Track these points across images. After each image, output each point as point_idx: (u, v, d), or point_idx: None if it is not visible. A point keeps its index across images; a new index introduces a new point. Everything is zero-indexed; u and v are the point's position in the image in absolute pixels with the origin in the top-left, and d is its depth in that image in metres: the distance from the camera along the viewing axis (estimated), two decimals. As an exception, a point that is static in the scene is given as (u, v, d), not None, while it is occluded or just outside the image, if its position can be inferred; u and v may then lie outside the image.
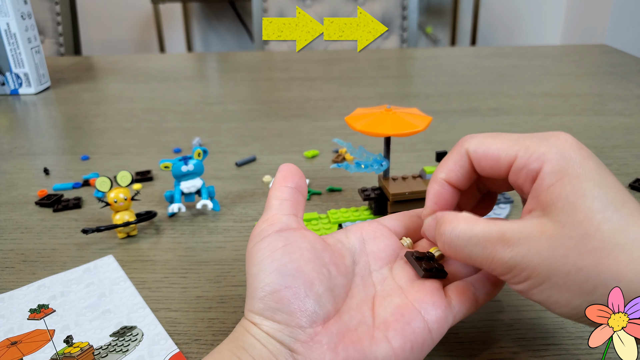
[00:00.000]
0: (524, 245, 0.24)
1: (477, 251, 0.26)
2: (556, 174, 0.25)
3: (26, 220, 0.49)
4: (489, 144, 0.28)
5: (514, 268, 0.25)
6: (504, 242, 0.25)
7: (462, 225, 0.27)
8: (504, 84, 0.91)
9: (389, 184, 0.45)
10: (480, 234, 0.26)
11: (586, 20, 2.31)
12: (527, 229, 0.25)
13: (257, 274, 0.27)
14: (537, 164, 0.26)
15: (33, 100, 0.91)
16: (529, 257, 0.24)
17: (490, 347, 0.32)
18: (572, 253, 0.23)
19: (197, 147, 0.47)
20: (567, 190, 0.24)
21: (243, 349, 0.26)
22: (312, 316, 0.26)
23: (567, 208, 0.24)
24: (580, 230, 0.23)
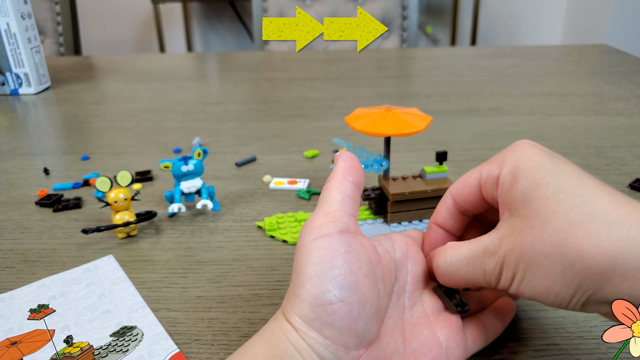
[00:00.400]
0: (502, 248, 0.26)
1: (470, 270, 0.28)
2: (511, 174, 0.27)
3: (26, 220, 0.49)
4: (464, 178, 0.30)
5: (500, 272, 0.26)
6: (487, 254, 0.27)
7: (451, 252, 0.28)
8: (504, 84, 0.91)
9: (389, 184, 0.45)
10: (467, 253, 0.28)
11: (586, 20, 2.31)
12: (501, 234, 0.26)
13: (313, 277, 0.25)
14: (496, 170, 0.28)
15: (33, 100, 0.91)
16: (507, 257, 0.25)
17: (490, 347, 0.32)
18: (537, 240, 0.24)
19: (197, 147, 0.47)
20: (522, 184, 0.26)
21: (281, 358, 0.25)
22: (360, 338, 0.25)
23: (526, 201, 0.25)
24: (539, 217, 0.24)
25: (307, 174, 0.57)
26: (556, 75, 0.97)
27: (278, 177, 0.56)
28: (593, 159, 0.59)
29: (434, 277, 0.30)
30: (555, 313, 0.35)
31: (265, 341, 0.26)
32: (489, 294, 0.33)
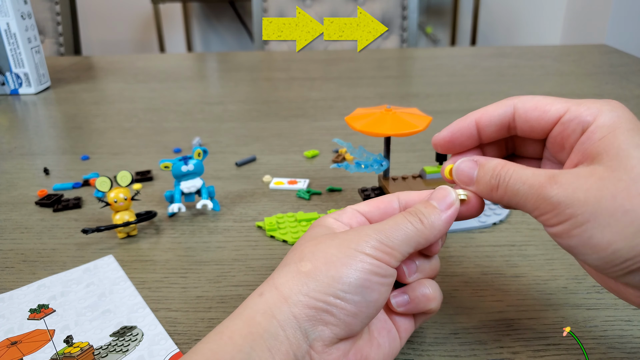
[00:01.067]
0: (573, 183, 0.24)
1: (524, 190, 0.26)
2: (609, 127, 0.25)
3: (26, 220, 0.49)
4: (539, 100, 0.28)
5: (558, 205, 0.25)
6: (552, 181, 0.25)
7: (515, 167, 0.27)
8: (504, 84, 0.91)
9: (389, 184, 0.45)
10: (530, 174, 0.26)
11: (586, 20, 2.31)
12: (575, 172, 0.25)
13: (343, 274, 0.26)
14: (590, 117, 0.26)
15: (33, 100, 0.91)
16: (576, 194, 0.24)
17: (490, 347, 0.32)
18: (622, 194, 0.23)
19: (197, 147, 0.47)
20: (620, 139, 0.24)
21: (261, 337, 0.24)
22: (350, 333, 0.26)
23: (621, 155, 0.24)
24: (632, 174, 0.23)
25: (307, 174, 0.57)
26: (556, 75, 0.97)
27: (278, 177, 0.56)
28: (593, 159, 0.59)
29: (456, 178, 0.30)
30: (555, 313, 0.35)
31: (245, 319, 0.25)
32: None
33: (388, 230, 0.27)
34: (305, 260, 0.27)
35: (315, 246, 0.28)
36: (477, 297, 0.36)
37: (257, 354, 0.24)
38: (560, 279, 0.38)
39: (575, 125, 0.27)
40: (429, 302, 0.29)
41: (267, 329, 0.25)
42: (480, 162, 0.29)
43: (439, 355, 0.31)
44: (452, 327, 0.34)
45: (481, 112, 0.30)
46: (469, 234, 0.45)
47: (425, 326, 0.34)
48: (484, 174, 0.28)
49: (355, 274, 0.26)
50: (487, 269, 0.40)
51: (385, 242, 0.27)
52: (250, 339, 0.24)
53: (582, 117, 0.26)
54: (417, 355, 0.32)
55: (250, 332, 0.25)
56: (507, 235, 0.44)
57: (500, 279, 0.38)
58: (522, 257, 0.41)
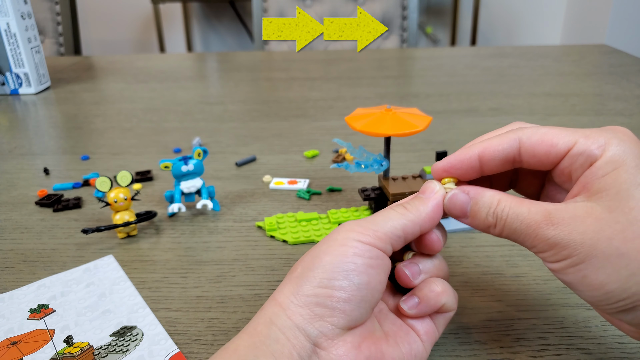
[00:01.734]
0: (569, 225, 0.25)
1: (521, 229, 0.26)
2: (614, 164, 0.25)
3: (26, 220, 0.49)
4: (545, 132, 0.28)
5: (555, 246, 0.25)
6: (548, 221, 0.25)
7: (510, 204, 0.27)
8: (504, 84, 0.91)
9: (389, 184, 0.45)
10: (526, 212, 0.26)
11: (586, 20, 2.31)
12: (572, 210, 0.25)
13: (326, 264, 0.26)
14: (598, 150, 0.26)
15: (33, 100, 0.91)
16: (572, 236, 0.24)
17: (490, 347, 0.32)
18: (618, 237, 0.23)
19: (197, 147, 0.47)
20: (623, 178, 0.24)
21: (263, 344, 0.25)
22: (351, 321, 0.26)
23: (620, 195, 0.24)
24: (629, 216, 0.24)
25: (307, 174, 0.57)
26: (556, 75, 0.97)
27: (278, 177, 0.56)
28: (593, 159, 0.59)
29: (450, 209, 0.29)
30: (555, 313, 0.35)
31: (248, 332, 0.26)
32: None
33: (371, 218, 0.28)
34: (296, 267, 0.28)
35: (307, 253, 0.28)
36: (477, 297, 0.36)
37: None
38: (560, 279, 0.38)
39: (584, 159, 0.26)
40: (439, 298, 0.29)
41: (268, 335, 0.25)
42: (472, 196, 0.29)
43: (439, 356, 0.31)
44: (452, 327, 0.34)
45: (484, 146, 0.29)
46: (469, 234, 0.45)
47: (425, 326, 0.34)
48: (479, 210, 0.28)
49: (338, 259, 0.26)
50: (487, 269, 0.40)
51: (368, 226, 0.27)
52: (254, 348, 0.25)
53: (590, 151, 0.26)
54: (417, 355, 0.32)
55: (253, 342, 0.25)
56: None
57: (500, 279, 0.38)
58: (522, 257, 0.41)
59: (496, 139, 0.29)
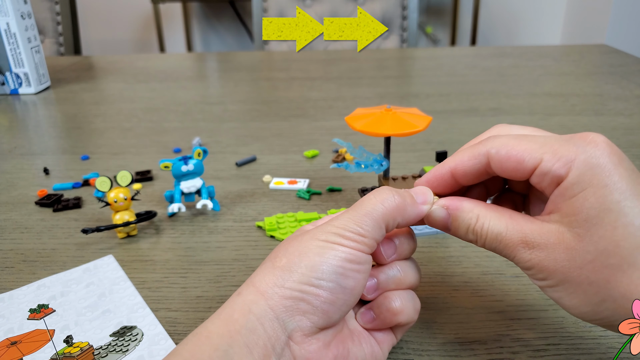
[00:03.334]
0: (543, 251, 0.25)
1: (500, 248, 0.27)
2: (580, 185, 0.24)
3: (26, 220, 0.49)
4: (513, 146, 0.26)
5: (532, 268, 0.26)
6: (524, 244, 0.26)
7: (489, 221, 0.27)
8: (504, 84, 0.91)
9: (389, 184, 0.45)
10: (504, 231, 0.26)
11: (586, 20, 2.31)
12: (546, 235, 0.25)
13: (317, 263, 0.26)
14: (563, 170, 0.24)
15: (33, 100, 0.91)
16: (546, 262, 0.25)
17: (490, 347, 0.32)
18: (588, 267, 0.24)
19: (197, 147, 0.47)
20: (591, 202, 0.24)
21: (238, 333, 0.24)
22: (329, 323, 0.27)
23: (589, 222, 0.24)
24: (599, 246, 0.23)
25: (307, 174, 0.57)
26: (556, 75, 0.97)
27: (278, 177, 0.56)
28: (593, 159, 0.59)
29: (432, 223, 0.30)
30: (555, 313, 0.35)
31: (223, 318, 0.25)
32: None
33: (359, 217, 0.27)
34: (279, 256, 0.27)
35: (289, 243, 0.28)
36: (477, 297, 0.36)
37: (234, 351, 0.24)
38: (560, 279, 0.38)
39: (550, 179, 0.25)
40: (395, 317, 0.28)
41: (244, 325, 0.25)
42: (451, 211, 0.29)
43: (439, 356, 0.31)
44: (452, 327, 0.34)
45: (455, 163, 0.29)
46: (469, 234, 0.44)
47: (425, 326, 0.34)
48: (458, 226, 0.28)
49: (329, 261, 0.26)
50: (487, 269, 0.40)
51: (357, 231, 0.27)
52: (228, 337, 0.24)
53: (555, 171, 0.25)
54: (417, 355, 0.32)
55: (228, 330, 0.25)
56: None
57: (500, 279, 0.38)
58: (522, 257, 0.41)
59: (466, 154, 0.28)
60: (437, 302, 0.36)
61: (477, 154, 0.28)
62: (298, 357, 0.26)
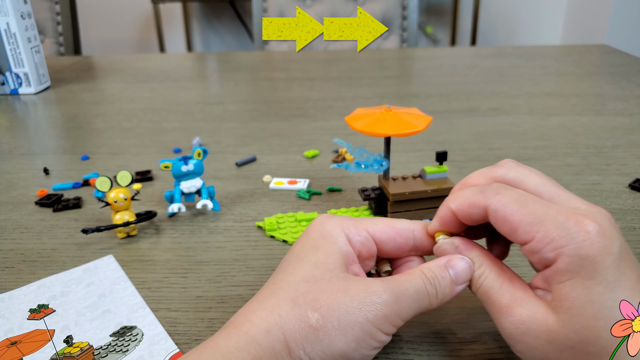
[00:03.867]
0: (525, 324, 0.26)
1: (487, 304, 0.28)
2: (568, 274, 0.25)
3: (26, 220, 0.49)
4: (512, 212, 0.26)
5: (508, 338, 0.27)
6: (509, 311, 0.26)
7: (488, 273, 0.28)
8: (504, 84, 0.91)
9: (389, 184, 0.45)
10: (497, 290, 0.27)
11: (586, 20, 2.31)
12: (533, 310, 0.26)
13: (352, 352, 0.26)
14: (552, 254, 0.25)
15: (33, 100, 0.91)
16: (525, 338, 0.26)
17: (490, 347, 0.32)
18: (567, 352, 0.25)
19: (197, 147, 0.47)
20: (577, 292, 0.24)
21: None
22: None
23: (572, 311, 0.24)
24: (580, 335, 0.24)
25: (307, 174, 0.57)
26: (556, 75, 0.97)
27: (278, 177, 0.56)
28: (593, 159, 0.59)
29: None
30: (555, 313, 0.35)
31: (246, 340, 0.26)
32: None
33: (404, 301, 0.27)
34: (315, 308, 0.26)
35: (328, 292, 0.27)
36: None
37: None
38: (560, 279, 0.38)
39: (539, 258, 0.26)
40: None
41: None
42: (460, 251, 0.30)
43: (439, 356, 0.31)
44: (452, 327, 0.34)
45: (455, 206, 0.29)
46: (469, 234, 0.44)
47: (425, 326, 0.34)
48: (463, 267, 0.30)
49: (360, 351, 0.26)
50: (487, 269, 0.40)
51: (400, 316, 0.27)
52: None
53: (544, 254, 0.25)
54: (417, 355, 0.32)
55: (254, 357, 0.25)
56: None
57: (500, 279, 0.38)
58: (522, 257, 0.41)
59: (467, 201, 0.29)
60: (437, 302, 0.36)
61: (477, 205, 0.28)
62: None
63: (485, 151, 0.62)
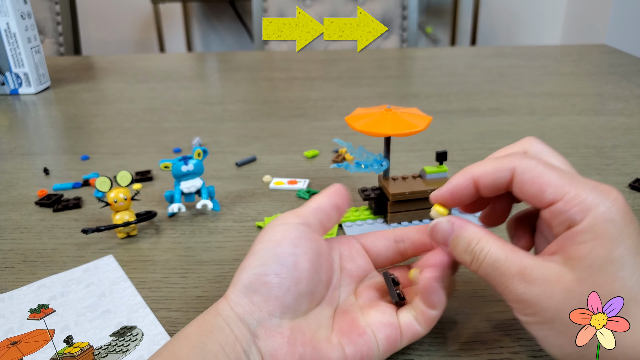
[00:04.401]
0: (539, 286, 0.25)
1: (495, 275, 0.27)
2: (593, 233, 0.25)
3: (26, 220, 0.49)
4: (541, 173, 0.27)
5: (522, 302, 0.26)
6: (521, 276, 0.26)
7: (490, 247, 0.27)
8: (504, 84, 0.91)
9: (389, 184, 0.45)
10: (503, 260, 0.27)
11: (586, 20, 2.31)
12: (546, 272, 0.26)
13: (259, 251, 0.28)
14: (579, 215, 0.25)
15: (33, 100, 0.91)
16: (539, 298, 0.25)
17: (490, 347, 0.32)
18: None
19: (197, 147, 0.47)
20: (598, 251, 0.25)
21: (211, 332, 0.26)
22: (285, 309, 0.27)
23: (592, 269, 0.25)
24: (598, 292, 0.24)
25: (307, 174, 0.57)
26: (556, 75, 0.97)
27: (278, 177, 0.56)
28: (593, 159, 0.59)
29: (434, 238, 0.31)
30: (555, 313, 0.35)
31: (198, 321, 0.28)
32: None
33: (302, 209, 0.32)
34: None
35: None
36: (477, 297, 0.36)
37: (209, 348, 0.26)
38: (560, 279, 0.38)
39: (563, 219, 0.26)
40: None
41: (215, 325, 0.27)
42: (456, 228, 0.29)
43: (439, 356, 0.31)
44: (452, 327, 0.34)
45: (479, 173, 0.29)
46: (469, 234, 0.44)
47: (425, 326, 0.34)
48: (458, 243, 0.29)
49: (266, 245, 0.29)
50: (487, 269, 0.40)
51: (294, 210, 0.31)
52: (202, 335, 0.26)
53: (571, 215, 0.25)
54: (417, 356, 0.32)
55: (202, 330, 0.27)
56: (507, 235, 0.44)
57: (500, 279, 0.38)
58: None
59: (492, 164, 0.29)
60: (437, 302, 0.36)
61: (503, 168, 0.28)
62: (264, 352, 0.26)
63: (485, 151, 0.62)
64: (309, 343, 0.27)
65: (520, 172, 0.27)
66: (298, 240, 0.29)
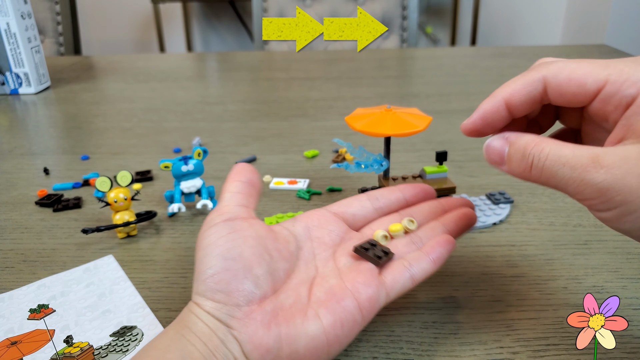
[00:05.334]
0: (621, 168, 0.22)
1: (564, 172, 0.24)
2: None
3: (26, 220, 0.49)
4: (574, 69, 0.25)
5: (606, 192, 0.22)
6: (596, 164, 0.23)
7: (551, 146, 0.25)
8: (504, 84, 0.91)
9: (389, 184, 0.45)
10: (570, 154, 0.24)
11: (586, 20, 2.31)
12: (623, 152, 0.23)
13: (202, 258, 0.29)
14: (633, 89, 0.23)
15: (33, 100, 0.91)
16: (625, 180, 0.22)
17: (490, 347, 0.32)
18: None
19: (197, 147, 0.47)
20: None
21: (187, 327, 0.27)
22: (249, 296, 0.28)
23: None
24: None
25: (307, 174, 0.57)
26: (556, 75, 0.97)
27: (278, 177, 0.56)
28: (593, 159, 0.59)
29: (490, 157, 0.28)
30: (555, 313, 0.35)
31: (175, 321, 0.29)
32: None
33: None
34: None
35: None
36: (477, 297, 0.36)
37: (187, 340, 0.27)
38: (560, 279, 0.38)
39: (618, 101, 0.24)
40: None
41: (190, 320, 0.28)
42: (510, 139, 0.27)
43: (439, 356, 0.31)
44: (452, 327, 0.34)
45: (509, 92, 0.27)
46: (469, 234, 0.45)
47: (425, 326, 0.34)
48: (515, 152, 0.26)
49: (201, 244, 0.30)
50: (487, 269, 0.40)
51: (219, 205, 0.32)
52: (179, 329, 0.27)
53: (624, 92, 0.23)
54: (417, 356, 0.32)
55: (180, 326, 0.28)
56: (507, 235, 0.44)
57: (500, 279, 0.38)
58: (522, 257, 0.41)
59: (520, 82, 0.27)
60: (437, 302, 0.36)
61: (531, 81, 0.27)
62: (241, 340, 0.27)
63: (485, 151, 0.62)
64: (283, 322, 0.27)
65: (553, 76, 0.26)
66: (232, 234, 0.29)
